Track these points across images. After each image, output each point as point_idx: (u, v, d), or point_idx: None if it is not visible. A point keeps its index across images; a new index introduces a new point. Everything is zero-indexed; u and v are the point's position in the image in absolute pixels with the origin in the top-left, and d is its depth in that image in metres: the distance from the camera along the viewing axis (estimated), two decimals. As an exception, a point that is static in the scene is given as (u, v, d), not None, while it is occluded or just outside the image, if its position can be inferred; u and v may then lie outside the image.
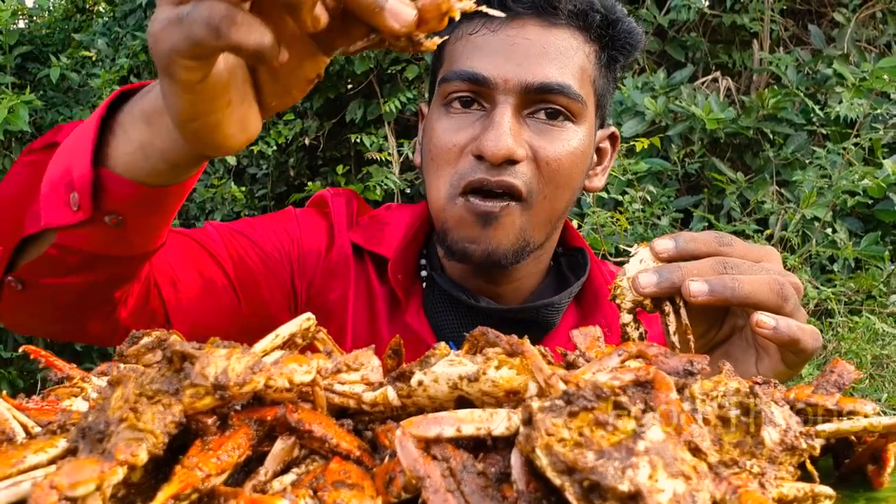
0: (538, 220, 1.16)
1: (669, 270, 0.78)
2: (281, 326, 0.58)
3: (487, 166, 1.11)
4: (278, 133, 4.87)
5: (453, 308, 1.25)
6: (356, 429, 0.54)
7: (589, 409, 0.44)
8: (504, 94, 1.11)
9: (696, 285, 0.76)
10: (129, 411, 0.45)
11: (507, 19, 1.14)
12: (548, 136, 1.14)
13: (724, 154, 4.41)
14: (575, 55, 1.15)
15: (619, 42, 1.21)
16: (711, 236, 0.83)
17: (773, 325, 0.78)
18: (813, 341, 0.80)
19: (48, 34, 6.00)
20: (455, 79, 1.14)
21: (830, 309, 3.81)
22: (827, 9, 5.04)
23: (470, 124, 1.14)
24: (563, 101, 1.13)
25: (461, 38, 1.17)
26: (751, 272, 0.80)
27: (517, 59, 1.12)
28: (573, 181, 1.19)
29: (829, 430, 0.53)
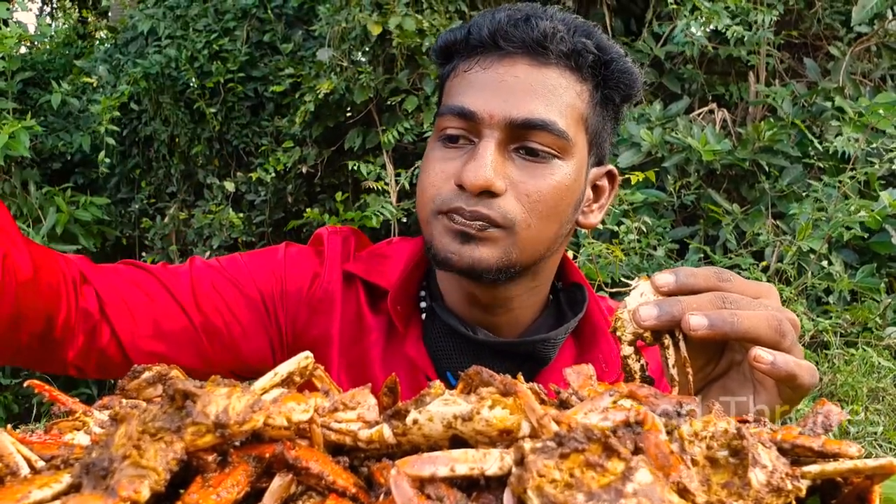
0: (523, 245, 1.17)
1: (670, 304, 0.80)
2: (279, 365, 0.59)
3: (467, 196, 1.13)
4: (277, 160, 4.90)
5: (452, 339, 1.27)
6: (352, 465, 0.55)
7: (580, 450, 0.45)
8: (490, 129, 1.14)
9: (696, 319, 0.78)
10: (133, 448, 0.46)
11: (498, 57, 1.17)
12: (530, 171, 1.15)
13: (720, 185, 4.44)
14: (564, 93, 1.17)
15: (613, 81, 1.22)
16: (711, 272, 0.85)
17: (771, 360, 0.79)
18: (810, 377, 0.82)
19: (49, 60, 6.05)
20: (447, 113, 1.18)
21: (826, 341, 3.82)
22: (822, 42, 5.10)
23: (458, 157, 1.17)
24: (548, 137, 1.15)
25: (458, 75, 1.21)
26: (749, 308, 0.82)
27: (504, 95, 1.14)
28: (560, 214, 1.19)
29: (816, 472, 0.54)
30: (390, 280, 1.29)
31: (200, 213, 5.17)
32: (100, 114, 4.93)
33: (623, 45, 4.86)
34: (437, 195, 1.17)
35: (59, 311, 1.09)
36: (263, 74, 5.11)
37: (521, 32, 1.16)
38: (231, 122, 5.21)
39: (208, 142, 5.28)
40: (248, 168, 5.22)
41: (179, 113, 5.23)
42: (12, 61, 5.09)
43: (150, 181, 5.65)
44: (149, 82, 5.16)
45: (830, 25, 4.97)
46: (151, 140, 5.54)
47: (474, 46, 1.19)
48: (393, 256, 1.34)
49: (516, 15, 1.18)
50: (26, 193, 5.07)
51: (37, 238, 4.61)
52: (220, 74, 5.02)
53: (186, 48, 5.08)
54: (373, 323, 1.29)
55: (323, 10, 4.59)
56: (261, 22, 5.18)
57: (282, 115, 5.10)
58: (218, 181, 5.22)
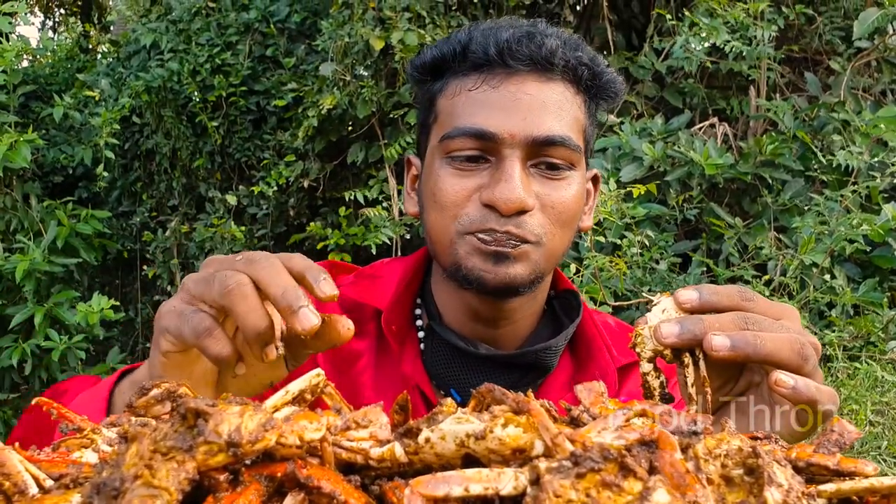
0: (548, 256, 1.20)
1: (692, 322, 0.79)
2: (291, 382, 0.59)
3: (496, 216, 1.14)
4: (279, 174, 4.90)
5: (453, 355, 1.27)
6: (363, 484, 0.55)
7: (596, 470, 0.45)
8: (511, 148, 1.15)
9: (719, 339, 0.77)
10: (144, 468, 0.45)
11: (506, 75, 1.18)
12: (552, 185, 1.18)
13: (723, 199, 4.44)
14: (570, 107, 1.20)
15: (604, 92, 1.27)
16: (734, 290, 0.84)
17: (793, 385, 0.78)
18: (830, 403, 0.81)
19: (52, 73, 6.07)
20: (460, 135, 1.17)
21: (830, 355, 3.81)
22: (823, 57, 5.11)
23: (477, 174, 1.17)
24: (565, 152, 1.18)
25: (459, 94, 1.20)
26: (771, 330, 0.81)
27: (522, 114, 1.15)
28: (574, 222, 1.24)
29: (831, 491, 0.53)
30: (383, 300, 1.29)
31: (202, 226, 5.17)
32: (101, 126, 4.94)
33: (625, 60, 4.86)
34: (462, 215, 1.17)
35: None
36: (266, 88, 5.12)
37: (528, 50, 1.17)
38: (233, 136, 5.22)
39: (210, 155, 5.28)
40: (250, 182, 5.23)
41: (181, 126, 5.24)
42: (14, 74, 5.10)
43: (152, 194, 5.65)
44: (151, 96, 5.17)
45: (831, 41, 4.99)
46: (153, 153, 5.55)
47: (476, 64, 1.20)
48: (384, 276, 1.35)
49: (519, 32, 1.20)
50: (27, 206, 5.07)
51: (37, 251, 4.61)
52: (223, 88, 5.03)
53: (189, 62, 5.09)
54: (359, 347, 1.30)
55: (325, 25, 4.61)
56: (263, 36, 5.20)
57: (284, 128, 5.11)
58: (220, 194, 5.22)
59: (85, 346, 4.66)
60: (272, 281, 0.79)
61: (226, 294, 0.78)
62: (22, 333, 4.65)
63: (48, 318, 4.57)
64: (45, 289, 4.74)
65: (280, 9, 5.18)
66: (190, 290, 0.83)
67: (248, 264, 0.81)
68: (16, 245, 4.85)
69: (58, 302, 4.63)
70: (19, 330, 4.63)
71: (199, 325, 0.79)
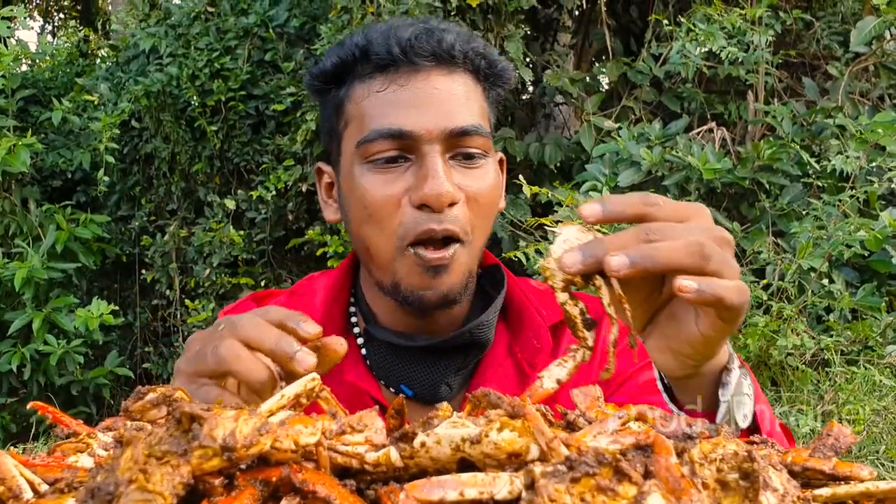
0: (475, 252, 1.24)
1: (593, 246, 0.79)
2: (286, 387, 0.59)
3: (429, 214, 1.17)
4: (278, 178, 4.90)
5: (395, 353, 1.29)
6: (358, 489, 0.55)
7: (591, 474, 0.45)
8: (429, 144, 1.18)
9: (617, 259, 0.77)
10: (139, 472, 0.45)
11: (412, 72, 1.21)
12: (471, 175, 1.22)
13: (721, 204, 4.44)
14: (475, 96, 1.25)
15: (500, 79, 1.31)
16: (637, 198, 0.83)
17: (695, 288, 0.78)
18: (738, 296, 0.80)
19: (51, 78, 6.07)
20: (377, 138, 1.19)
21: (828, 359, 3.81)
22: (821, 62, 5.12)
23: (400, 176, 1.20)
24: (480, 140, 1.22)
25: (368, 96, 1.22)
26: (675, 235, 0.80)
27: (434, 109, 1.19)
28: (494, 210, 1.28)
29: (827, 495, 0.53)
30: (316, 314, 1.29)
31: (201, 230, 5.16)
32: (100, 131, 4.94)
33: (623, 65, 4.85)
34: (398, 225, 1.18)
35: None
36: (265, 93, 5.12)
37: (430, 45, 1.21)
38: (232, 140, 5.21)
39: (209, 159, 5.28)
40: (248, 186, 5.23)
41: (180, 131, 5.24)
42: (12, 79, 5.11)
43: (151, 199, 5.65)
44: (150, 100, 5.16)
45: (828, 46, 4.99)
46: (152, 158, 5.55)
47: (380, 65, 1.22)
48: (315, 291, 1.38)
49: (418, 30, 1.23)
50: (26, 211, 5.07)
51: (36, 257, 4.61)
52: (222, 93, 5.03)
53: (188, 66, 5.09)
54: None
55: (324, 30, 4.61)
56: (262, 41, 5.20)
57: (283, 133, 5.10)
58: (218, 199, 5.22)
59: (83, 350, 4.66)
60: (261, 337, 0.84)
61: (221, 362, 0.83)
62: (21, 338, 4.65)
63: (47, 323, 4.57)
64: (44, 293, 4.74)
65: (279, 13, 5.18)
66: (185, 372, 0.88)
67: (233, 329, 0.85)
68: (14, 250, 4.85)
69: (56, 307, 4.63)
70: (18, 335, 4.63)
71: (206, 398, 0.82)
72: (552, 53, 5.26)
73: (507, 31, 4.59)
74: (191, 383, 0.86)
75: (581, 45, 5.59)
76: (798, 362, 3.78)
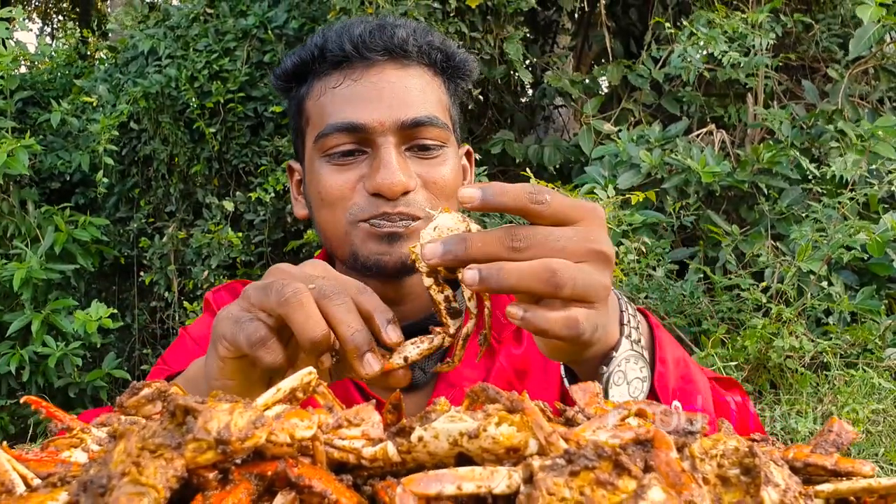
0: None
1: (455, 242, 0.78)
2: (282, 380, 0.58)
3: (384, 201, 1.20)
4: (276, 180, 4.90)
5: None
6: (355, 484, 0.54)
7: (590, 468, 0.44)
8: (383, 136, 1.22)
9: (469, 274, 0.77)
10: (132, 465, 0.45)
11: (365, 67, 1.25)
12: (428, 164, 1.26)
13: (720, 207, 4.44)
14: (431, 89, 1.29)
15: (459, 72, 1.35)
16: (524, 191, 0.78)
17: (521, 316, 0.78)
18: (566, 330, 0.78)
19: (49, 80, 6.06)
20: (333, 132, 1.23)
21: (827, 362, 3.80)
22: (820, 64, 5.12)
23: (356, 166, 1.24)
24: (435, 131, 1.25)
25: (325, 92, 1.27)
26: (541, 248, 0.78)
27: (386, 101, 1.23)
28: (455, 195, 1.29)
29: (829, 491, 0.53)
30: None
31: (199, 232, 5.16)
32: (98, 133, 4.93)
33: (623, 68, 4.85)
34: (351, 206, 1.23)
35: None
36: (263, 94, 5.11)
37: (381, 40, 1.25)
38: (230, 142, 5.21)
39: (207, 161, 5.27)
40: (247, 188, 5.22)
41: (179, 132, 5.23)
42: (10, 80, 5.10)
43: (149, 200, 5.64)
44: (148, 102, 5.16)
45: (828, 49, 4.99)
46: (151, 159, 5.54)
47: (335, 62, 1.26)
48: None
49: (370, 26, 1.27)
50: (25, 212, 5.06)
51: (34, 258, 4.60)
52: (220, 94, 5.02)
53: (186, 68, 5.09)
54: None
55: (323, 31, 4.60)
56: (261, 42, 5.19)
57: (281, 135, 5.10)
58: (217, 201, 5.21)
59: (81, 352, 4.65)
60: (345, 318, 0.80)
61: (283, 303, 0.79)
62: (19, 339, 4.64)
63: (45, 325, 4.57)
64: (43, 295, 4.73)
65: (278, 15, 5.18)
66: (249, 298, 0.84)
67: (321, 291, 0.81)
68: (13, 251, 4.84)
69: (55, 309, 4.62)
70: (17, 336, 4.62)
71: (253, 334, 0.80)
72: (551, 55, 5.26)
73: (507, 32, 4.59)
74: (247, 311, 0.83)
75: (580, 47, 5.59)
76: (797, 365, 3.77)
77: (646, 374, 0.94)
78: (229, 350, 0.83)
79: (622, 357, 0.91)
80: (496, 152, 4.85)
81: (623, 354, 0.91)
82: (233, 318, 0.83)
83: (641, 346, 0.94)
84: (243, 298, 0.84)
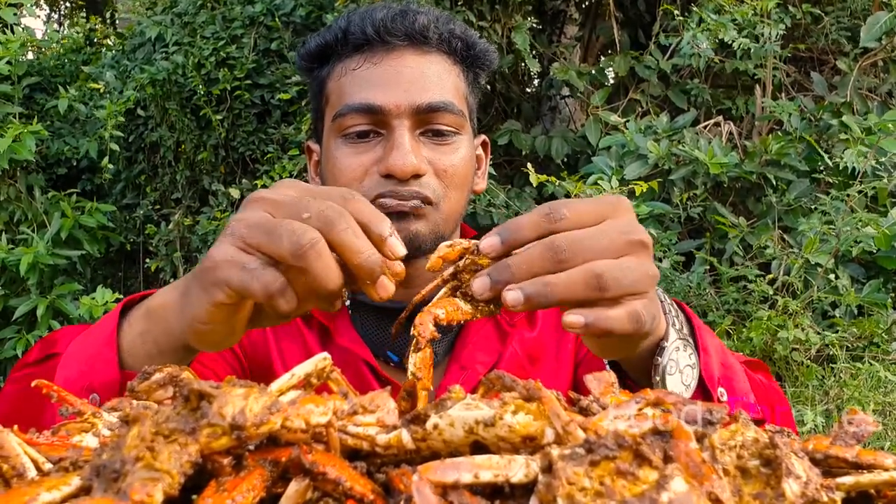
0: (447, 217, 1.28)
1: (499, 272, 0.77)
2: (296, 366, 0.58)
3: (395, 182, 1.22)
4: (283, 168, 4.89)
5: (378, 320, 1.34)
6: (368, 471, 0.54)
7: (611, 457, 0.44)
8: (398, 119, 1.24)
9: (512, 295, 0.75)
10: (146, 450, 0.44)
11: (385, 51, 1.28)
12: (440, 150, 1.28)
13: (727, 199, 4.42)
14: (448, 76, 1.31)
15: (479, 61, 1.38)
16: (539, 215, 0.78)
17: (583, 323, 0.75)
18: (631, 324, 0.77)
19: (57, 66, 6.05)
20: (350, 112, 1.26)
21: (833, 355, 3.79)
22: (829, 56, 5.09)
23: (371, 149, 1.26)
24: (450, 117, 1.27)
25: (345, 74, 1.30)
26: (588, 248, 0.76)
27: (403, 85, 1.25)
28: (467, 183, 1.33)
29: (850, 483, 0.52)
30: None
31: (205, 219, 5.15)
32: (105, 119, 4.93)
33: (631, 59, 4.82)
34: (360, 188, 1.24)
35: None
36: (270, 82, 5.10)
37: (403, 26, 1.28)
38: (237, 130, 5.20)
39: (214, 148, 5.26)
40: (253, 175, 5.21)
41: (185, 119, 5.22)
42: (18, 66, 5.09)
43: (156, 187, 5.64)
44: (155, 88, 5.15)
45: (837, 41, 4.96)
46: (157, 146, 5.53)
47: (356, 45, 1.29)
48: None
49: (393, 12, 1.30)
50: (31, 198, 5.06)
51: (41, 243, 4.60)
52: (227, 81, 5.01)
53: (193, 55, 5.07)
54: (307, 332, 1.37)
55: (330, 19, 4.59)
56: (268, 30, 5.17)
57: (288, 122, 5.09)
58: (223, 188, 5.21)
59: (86, 338, 4.66)
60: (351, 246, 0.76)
61: (301, 255, 0.73)
62: (25, 324, 4.65)
63: (51, 310, 4.57)
64: (49, 280, 4.74)
65: (285, 2, 5.16)
66: (245, 238, 0.76)
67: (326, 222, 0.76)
68: (20, 236, 4.84)
69: (60, 294, 4.63)
70: (23, 321, 4.63)
71: (271, 283, 0.74)
72: (559, 46, 5.24)
73: (515, 21, 4.56)
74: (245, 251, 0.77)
75: (588, 37, 5.56)
76: (803, 357, 3.76)
77: (693, 360, 0.94)
78: (231, 297, 0.77)
79: (672, 346, 0.91)
80: (503, 143, 4.83)
81: (673, 343, 0.91)
82: (237, 262, 0.76)
83: (685, 334, 0.95)
84: (236, 236, 0.77)
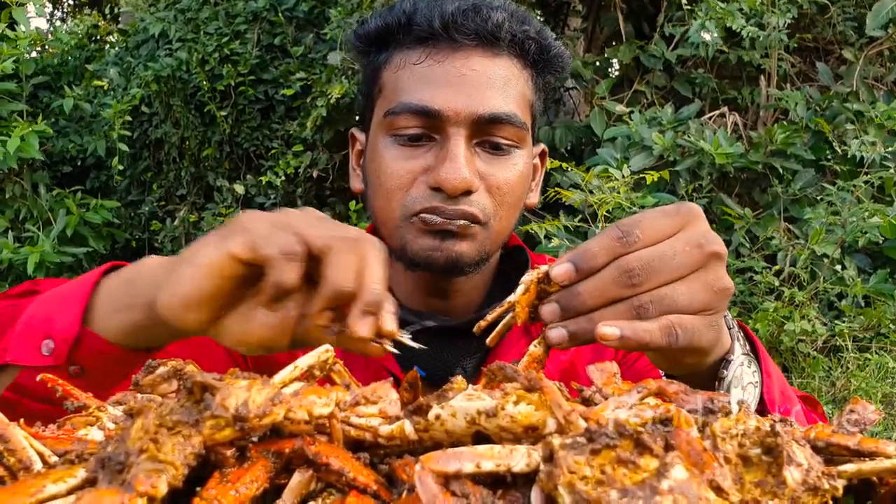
0: (495, 236, 1.19)
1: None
2: (299, 358, 0.58)
3: (443, 197, 1.13)
4: (287, 163, 4.89)
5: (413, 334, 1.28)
6: (371, 462, 0.54)
7: (611, 446, 0.44)
8: (455, 126, 1.13)
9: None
10: (150, 442, 0.44)
11: (451, 49, 1.16)
12: (496, 164, 1.17)
13: (733, 189, 4.41)
14: (516, 83, 1.19)
15: (552, 66, 1.25)
16: (610, 239, 0.75)
17: (618, 335, 0.72)
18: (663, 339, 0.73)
19: (61, 63, 6.06)
20: (404, 112, 1.15)
21: (840, 345, 3.79)
22: (834, 46, 5.07)
23: (422, 154, 1.16)
24: (511, 130, 1.16)
25: (404, 67, 1.18)
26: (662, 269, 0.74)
27: (466, 91, 1.14)
28: (519, 202, 1.23)
29: (852, 471, 0.52)
30: None
31: (210, 215, 5.16)
32: (111, 118, 4.94)
33: (636, 49, 4.80)
34: (406, 197, 1.15)
35: None
36: (274, 77, 5.11)
37: (474, 24, 1.15)
38: (241, 125, 5.21)
39: (219, 145, 5.28)
40: (258, 171, 5.22)
41: (190, 116, 5.23)
42: (26, 64, 5.10)
43: (161, 184, 5.65)
44: (159, 85, 5.16)
45: (843, 31, 4.94)
46: (162, 143, 5.55)
47: (421, 37, 1.17)
48: None
49: (465, 5, 1.17)
50: (37, 195, 5.07)
51: (47, 241, 4.62)
52: (231, 77, 5.02)
53: (197, 51, 5.08)
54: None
55: (334, 14, 4.59)
56: (271, 25, 5.18)
57: (292, 118, 5.09)
58: (228, 184, 5.22)
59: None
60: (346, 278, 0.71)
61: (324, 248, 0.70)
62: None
63: (57, 307, 4.59)
64: (54, 277, 4.75)
65: (288, -3, 5.17)
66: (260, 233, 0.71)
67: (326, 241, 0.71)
68: (25, 234, 4.86)
69: (66, 291, 4.64)
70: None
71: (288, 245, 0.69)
72: (562, 38, 5.22)
73: (518, 14, 4.55)
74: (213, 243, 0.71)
75: (592, 29, 5.54)
76: (809, 348, 3.76)
77: (757, 378, 0.91)
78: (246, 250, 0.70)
79: (737, 361, 0.88)
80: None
81: (738, 359, 0.88)
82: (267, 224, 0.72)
83: (749, 351, 0.91)
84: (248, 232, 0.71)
